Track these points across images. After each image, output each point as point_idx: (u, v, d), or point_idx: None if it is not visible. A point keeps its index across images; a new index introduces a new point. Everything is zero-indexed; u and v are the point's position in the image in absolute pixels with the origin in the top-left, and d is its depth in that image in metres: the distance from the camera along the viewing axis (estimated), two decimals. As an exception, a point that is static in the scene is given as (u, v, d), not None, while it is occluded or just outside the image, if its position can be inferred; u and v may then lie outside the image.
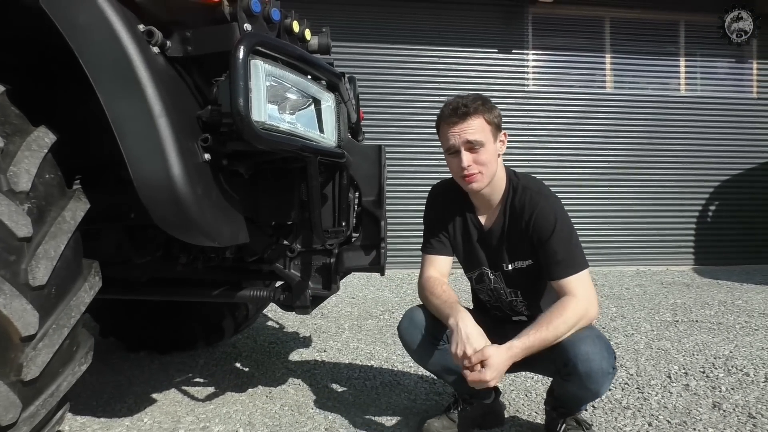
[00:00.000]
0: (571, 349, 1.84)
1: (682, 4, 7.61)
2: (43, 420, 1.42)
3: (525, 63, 7.56)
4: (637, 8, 7.62)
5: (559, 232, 1.96)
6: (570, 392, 1.98)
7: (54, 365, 1.41)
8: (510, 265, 2.10)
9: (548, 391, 2.19)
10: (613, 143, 7.60)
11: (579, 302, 1.89)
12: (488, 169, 2.01)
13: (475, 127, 1.97)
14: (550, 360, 1.94)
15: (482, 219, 2.15)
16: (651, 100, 7.72)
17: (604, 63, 7.73)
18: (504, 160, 2.12)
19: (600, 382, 1.87)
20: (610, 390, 2.65)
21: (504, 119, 2.10)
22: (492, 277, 2.15)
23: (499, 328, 2.04)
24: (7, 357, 1.28)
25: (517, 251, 2.07)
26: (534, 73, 7.60)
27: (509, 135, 2.15)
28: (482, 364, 1.78)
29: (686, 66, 7.87)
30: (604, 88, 7.74)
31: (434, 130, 2.12)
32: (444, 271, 2.21)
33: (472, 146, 1.98)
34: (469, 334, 1.85)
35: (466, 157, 1.99)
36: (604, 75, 7.74)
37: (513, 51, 7.52)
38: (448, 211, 2.20)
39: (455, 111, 1.99)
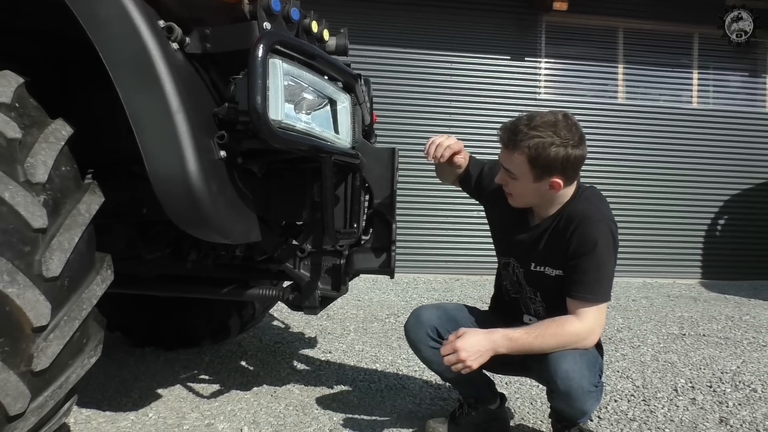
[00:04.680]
0: (553, 366, 1.82)
1: (696, 16, 7.58)
2: (51, 411, 1.43)
3: (537, 71, 7.55)
4: (651, 19, 7.60)
5: (597, 254, 1.85)
6: (558, 407, 1.97)
7: (64, 357, 1.41)
8: (535, 267, 2.02)
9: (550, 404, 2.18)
10: (623, 154, 7.58)
11: (582, 328, 1.85)
12: (520, 199, 1.96)
13: (513, 162, 1.87)
14: (538, 374, 1.94)
15: (533, 217, 2.05)
16: (663, 111, 7.69)
17: (616, 73, 7.71)
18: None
19: (582, 400, 1.85)
20: (615, 401, 2.64)
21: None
22: (517, 271, 2.11)
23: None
24: (18, 347, 1.29)
25: (549, 257, 1.98)
26: (546, 81, 7.59)
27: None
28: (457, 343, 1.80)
29: (699, 78, 7.84)
30: (616, 98, 7.72)
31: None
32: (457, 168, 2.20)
33: (508, 172, 1.92)
34: None
35: (499, 176, 1.96)
36: (617, 85, 7.72)
37: (526, 59, 7.51)
38: (501, 193, 2.07)
39: (502, 131, 1.90)
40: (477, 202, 2.29)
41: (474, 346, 1.80)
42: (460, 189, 2.32)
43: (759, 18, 7.28)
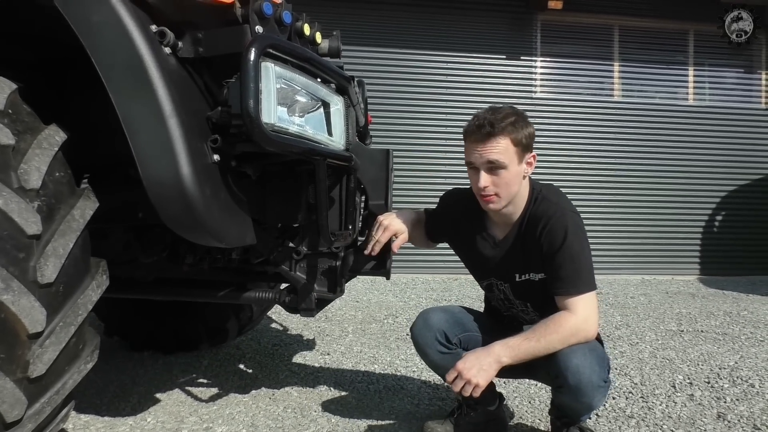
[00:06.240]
0: (562, 361, 1.83)
1: (691, 13, 7.60)
2: (48, 417, 1.43)
3: (533, 70, 7.55)
4: (647, 17, 7.62)
5: (567, 248, 1.89)
6: (565, 403, 1.98)
7: (60, 363, 1.41)
8: (520, 276, 2.06)
9: (552, 400, 2.19)
10: (620, 151, 7.58)
11: (576, 319, 1.86)
12: (506, 192, 1.95)
13: (499, 149, 1.88)
14: (546, 370, 1.94)
15: (496, 231, 2.11)
16: (659, 108, 7.70)
17: (612, 71, 7.72)
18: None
19: (591, 395, 1.86)
20: (614, 399, 2.64)
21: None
22: (501, 288, 2.14)
23: (509, 333, 1.98)
24: (14, 354, 1.29)
25: (530, 263, 2.02)
26: (542, 80, 7.59)
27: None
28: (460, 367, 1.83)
29: (695, 75, 7.85)
30: (612, 96, 7.72)
31: (442, 135, 2.14)
32: (415, 225, 2.25)
33: (492, 167, 1.91)
34: None
35: (484, 178, 1.92)
36: (612, 83, 7.73)
37: (521, 57, 7.51)
38: (461, 219, 2.18)
39: (480, 128, 1.89)
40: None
41: (475, 363, 1.82)
42: (436, 245, 2.39)
43: (759, 18, 7.30)
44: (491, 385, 2.24)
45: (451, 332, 2.10)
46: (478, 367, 1.81)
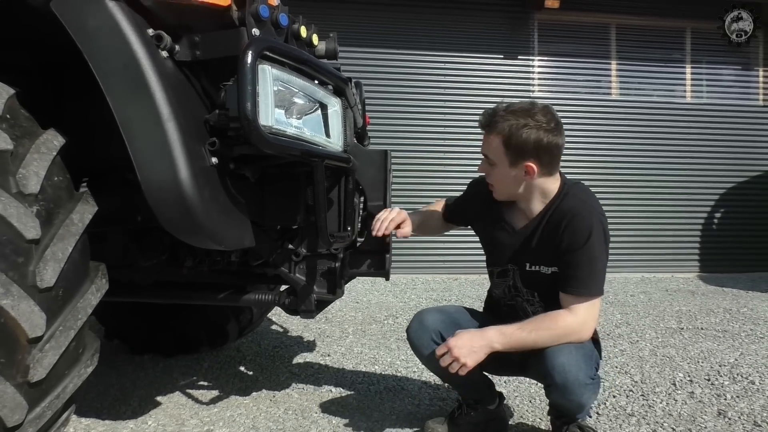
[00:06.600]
0: (549, 360, 1.84)
1: (688, 11, 7.61)
2: (49, 421, 1.43)
3: (531, 69, 7.56)
4: (644, 15, 7.62)
5: (588, 249, 1.87)
6: (555, 402, 1.98)
7: (60, 367, 1.41)
8: (530, 267, 2.04)
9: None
10: (618, 150, 7.59)
11: (574, 321, 1.87)
12: (499, 187, 2.01)
13: (491, 146, 1.94)
14: (536, 369, 1.95)
15: (516, 220, 2.08)
16: (657, 106, 7.71)
17: (609, 69, 7.73)
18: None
19: (578, 393, 1.86)
20: (614, 397, 2.64)
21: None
22: (515, 274, 2.11)
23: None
24: (14, 358, 1.29)
25: (543, 256, 1.99)
26: (539, 79, 7.60)
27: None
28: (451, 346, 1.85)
29: (692, 73, 7.86)
30: (610, 94, 7.73)
31: (440, 135, 2.14)
32: (435, 215, 2.35)
33: (487, 159, 1.98)
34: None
35: (480, 165, 2.02)
36: (610, 81, 7.74)
37: (519, 57, 7.52)
38: (483, 204, 2.16)
39: (481, 117, 1.97)
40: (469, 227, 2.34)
41: (466, 343, 1.83)
42: (453, 228, 2.43)
43: (758, 18, 7.31)
44: (489, 383, 2.24)
45: (447, 332, 2.09)
46: (469, 348, 1.82)
